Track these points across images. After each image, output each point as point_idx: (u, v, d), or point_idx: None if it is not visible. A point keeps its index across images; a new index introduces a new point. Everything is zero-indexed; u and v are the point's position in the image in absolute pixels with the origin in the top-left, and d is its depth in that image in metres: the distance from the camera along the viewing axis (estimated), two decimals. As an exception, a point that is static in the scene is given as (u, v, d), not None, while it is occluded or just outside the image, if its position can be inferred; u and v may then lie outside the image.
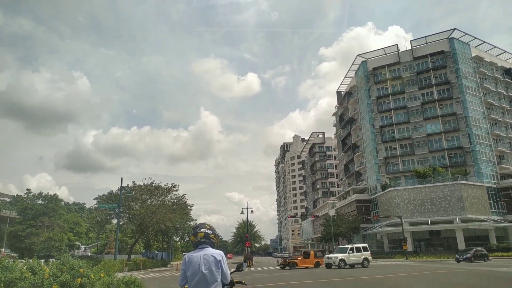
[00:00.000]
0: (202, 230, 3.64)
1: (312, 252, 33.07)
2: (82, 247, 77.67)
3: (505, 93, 63.22)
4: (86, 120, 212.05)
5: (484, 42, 62.63)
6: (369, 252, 30.92)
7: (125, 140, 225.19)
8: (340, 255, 28.49)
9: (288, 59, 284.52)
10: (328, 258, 28.99)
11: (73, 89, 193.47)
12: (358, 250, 30.07)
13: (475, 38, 61.24)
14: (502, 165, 55.77)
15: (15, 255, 46.55)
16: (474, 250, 34.45)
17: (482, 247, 38.15)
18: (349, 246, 30.73)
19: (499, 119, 59.69)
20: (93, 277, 9.12)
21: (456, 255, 34.59)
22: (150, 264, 41.41)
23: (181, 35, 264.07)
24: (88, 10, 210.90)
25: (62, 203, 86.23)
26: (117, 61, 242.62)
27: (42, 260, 20.67)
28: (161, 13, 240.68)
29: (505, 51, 65.55)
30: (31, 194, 75.03)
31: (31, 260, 9.35)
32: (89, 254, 70.23)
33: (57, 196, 78.92)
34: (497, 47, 64.43)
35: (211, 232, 3.66)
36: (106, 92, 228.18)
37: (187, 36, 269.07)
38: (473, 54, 60.97)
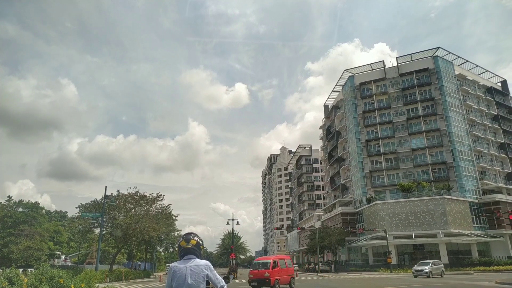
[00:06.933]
0: (195, 238, 3.73)
1: None
2: (63, 256, 75.78)
3: (486, 111, 65.04)
4: (71, 127, 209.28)
5: (467, 61, 64.59)
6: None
7: (110, 148, 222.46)
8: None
9: (277, 72, 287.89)
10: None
11: (59, 96, 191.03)
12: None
13: (459, 57, 63.16)
14: (484, 181, 56.98)
15: (-9, 264, 44.96)
16: None
17: None
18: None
19: (481, 136, 61.23)
20: (73, 287, 8.93)
21: None
22: (132, 275, 40.65)
23: (171, 44, 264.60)
24: (76, 15, 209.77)
25: (44, 211, 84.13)
26: (104, 68, 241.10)
27: (21, 270, 20.04)
28: (152, 21, 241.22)
29: (487, 70, 67.80)
30: (12, 201, 73.07)
31: (8, 270, 9.10)
32: (70, 264, 68.45)
33: (38, 204, 77.12)
34: (479, 66, 66.52)
35: (201, 243, 3.77)
36: (93, 100, 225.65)
37: (177, 45, 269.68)
38: (457, 72, 62.79)
